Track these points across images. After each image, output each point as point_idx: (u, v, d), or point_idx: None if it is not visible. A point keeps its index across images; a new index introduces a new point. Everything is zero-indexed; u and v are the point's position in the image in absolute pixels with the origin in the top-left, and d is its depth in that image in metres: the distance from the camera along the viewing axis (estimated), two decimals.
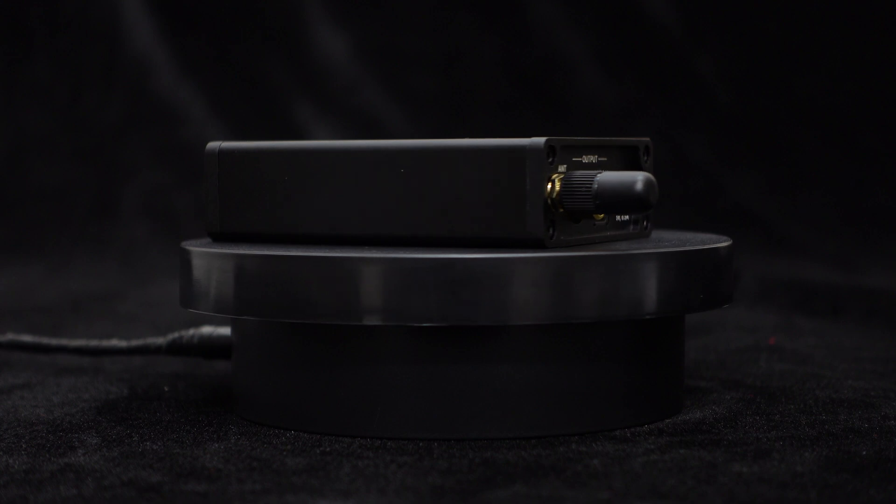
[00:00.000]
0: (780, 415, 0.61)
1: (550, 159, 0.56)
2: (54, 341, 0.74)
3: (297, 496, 0.48)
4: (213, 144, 0.63)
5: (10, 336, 0.75)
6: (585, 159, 0.58)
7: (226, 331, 0.67)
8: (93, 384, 0.71)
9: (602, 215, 0.59)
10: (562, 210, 0.56)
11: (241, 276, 0.57)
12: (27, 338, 0.75)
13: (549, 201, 0.56)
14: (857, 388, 0.68)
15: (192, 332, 0.69)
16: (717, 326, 0.92)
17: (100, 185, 1.41)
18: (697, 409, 0.63)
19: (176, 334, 0.70)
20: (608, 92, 1.45)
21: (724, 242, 0.62)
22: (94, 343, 0.73)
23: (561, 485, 0.49)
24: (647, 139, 0.61)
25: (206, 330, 0.68)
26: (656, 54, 1.47)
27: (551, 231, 0.56)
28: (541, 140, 0.55)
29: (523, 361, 0.56)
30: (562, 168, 0.57)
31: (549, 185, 0.56)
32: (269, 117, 1.44)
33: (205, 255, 0.59)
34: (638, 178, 0.55)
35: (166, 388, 0.69)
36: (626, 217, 0.61)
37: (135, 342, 0.72)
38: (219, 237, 0.63)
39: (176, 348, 0.69)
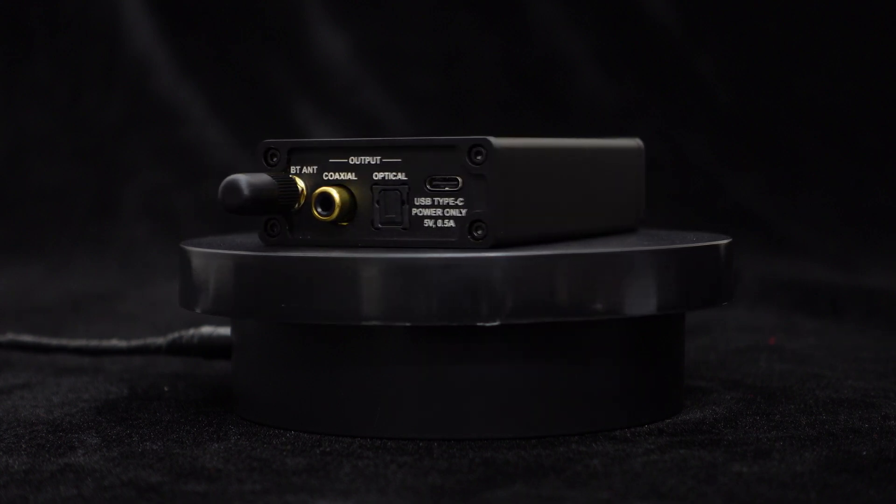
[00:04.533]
0: (780, 415, 0.61)
1: (274, 160, 0.59)
2: (54, 341, 0.74)
3: (297, 496, 0.48)
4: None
5: (10, 336, 0.75)
6: (354, 160, 0.58)
7: (226, 331, 0.67)
8: (93, 384, 0.71)
9: (328, 216, 0.58)
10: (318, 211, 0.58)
11: (241, 277, 0.57)
12: (27, 338, 0.75)
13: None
14: (857, 388, 0.68)
15: (192, 332, 0.69)
16: (717, 326, 0.92)
17: (100, 185, 1.41)
18: (697, 409, 0.62)
19: (176, 334, 0.70)
20: (608, 92, 1.45)
21: (724, 240, 0.62)
22: (94, 343, 0.73)
23: (561, 485, 0.49)
24: (480, 138, 0.56)
25: (206, 330, 0.68)
26: (656, 54, 1.47)
27: (270, 232, 0.59)
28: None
29: (523, 361, 0.56)
30: (309, 170, 0.59)
31: None
32: (269, 117, 1.44)
33: (204, 256, 0.59)
34: (225, 180, 0.57)
35: (166, 388, 0.69)
36: (449, 223, 0.57)
37: (135, 342, 0.72)
38: None
39: (176, 348, 0.69)
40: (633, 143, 0.68)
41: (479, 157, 0.56)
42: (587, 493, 0.48)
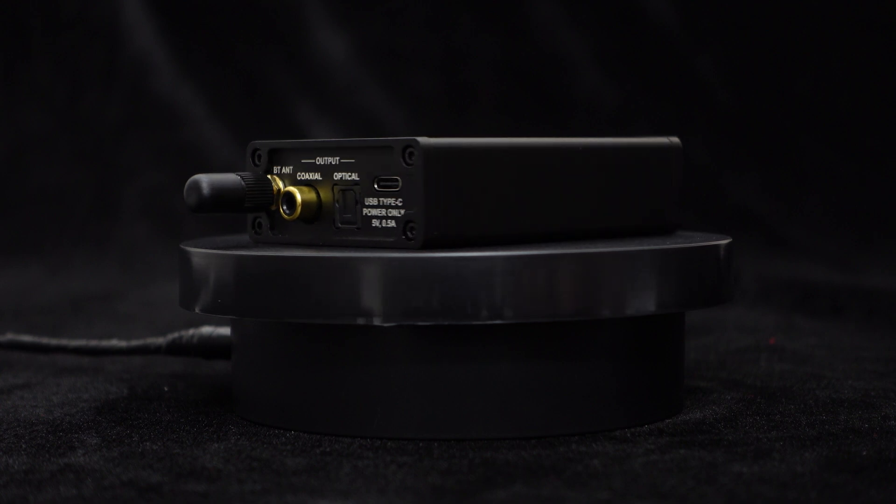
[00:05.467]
0: (781, 415, 0.61)
1: (259, 161, 0.60)
2: (54, 341, 0.74)
3: (297, 496, 0.48)
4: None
5: (10, 336, 0.75)
6: (320, 161, 0.59)
7: (226, 331, 0.67)
8: (93, 384, 0.71)
9: (290, 215, 0.60)
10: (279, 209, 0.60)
11: (241, 277, 0.57)
12: (27, 338, 0.75)
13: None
14: (857, 388, 0.68)
15: (191, 332, 0.69)
16: (717, 326, 0.92)
17: (100, 185, 1.41)
18: (697, 409, 0.62)
19: (176, 334, 0.70)
20: (608, 92, 1.46)
21: (724, 240, 0.62)
22: (94, 343, 0.73)
23: (561, 485, 0.49)
24: (410, 139, 0.56)
25: (206, 330, 0.68)
26: (656, 54, 1.47)
27: (257, 230, 0.61)
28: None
29: (523, 361, 0.56)
30: (287, 170, 0.60)
31: None
32: (269, 117, 1.44)
33: (204, 256, 0.59)
34: (189, 179, 0.58)
35: (166, 388, 0.69)
36: (391, 223, 0.57)
37: (135, 342, 0.72)
38: None
39: (176, 348, 0.69)
40: (666, 142, 0.65)
41: (411, 158, 0.56)
42: (587, 493, 0.48)
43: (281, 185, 0.60)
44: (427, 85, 1.46)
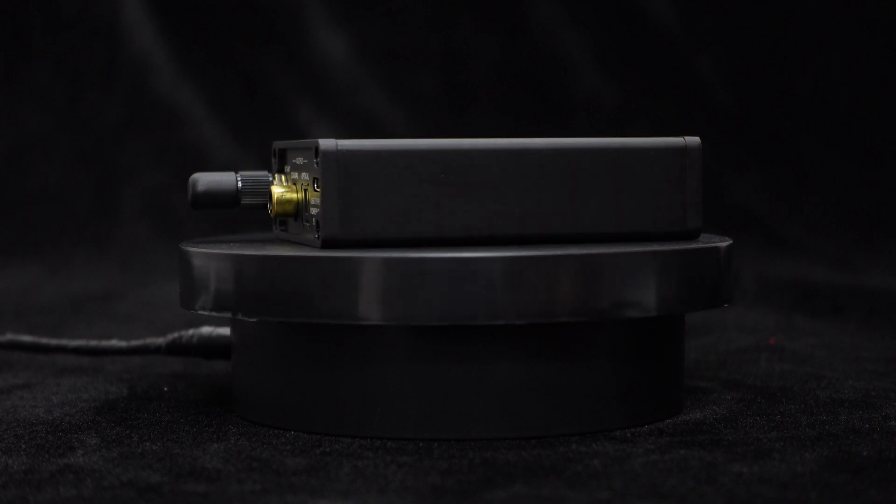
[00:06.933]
0: (781, 415, 0.61)
1: (275, 160, 0.63)
2: (54, 341, 0.74)
3: (297, 496, 0.48)
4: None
5: (9, 336, 0.75)
6: (297, 161, 0.61)
7: (225, 331, 0.67)
8: (92, 384, 0.71)
9: (270, 212, 0.61)
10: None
11: (241, 277, 0.57)
12: (27, 338, 0.75)
13: None
14: (857, 388, 0.68)
15: (191, 332, 0.69)
16: (717, 326, 0.92)
17: (100, 185, 1.41)
18: (697, 409, 0.62)
19: (175, 334, 0.70)
20: (608, 92, 1.45)
21: (724, 242, 0.62)
22: (93, 343, 0.73)
23: (561, 485, 0.49)
24: (316, 140, 0.57)
25: (206, 330, 0.68)
26: (656, 54, 1.47)
27: (275, 228, 0.64)
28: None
29: (523, 361, 0.56)
30: (288, 168, 0.62)
31: None
32: (269, 117, 1.44)
33: (204, 256, 0.59)
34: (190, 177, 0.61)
35: (166, 389, 0.69)
36: (312, 222, 0.58)
37: (134, 342, 0.72)
38: None
39: (176, 348, 0.69)
40: (682, 142, 0.63)
41: (318, 160, 0.57)
42: (587, 493, 0.48)
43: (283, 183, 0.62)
44: (427, 85, 1.46)
